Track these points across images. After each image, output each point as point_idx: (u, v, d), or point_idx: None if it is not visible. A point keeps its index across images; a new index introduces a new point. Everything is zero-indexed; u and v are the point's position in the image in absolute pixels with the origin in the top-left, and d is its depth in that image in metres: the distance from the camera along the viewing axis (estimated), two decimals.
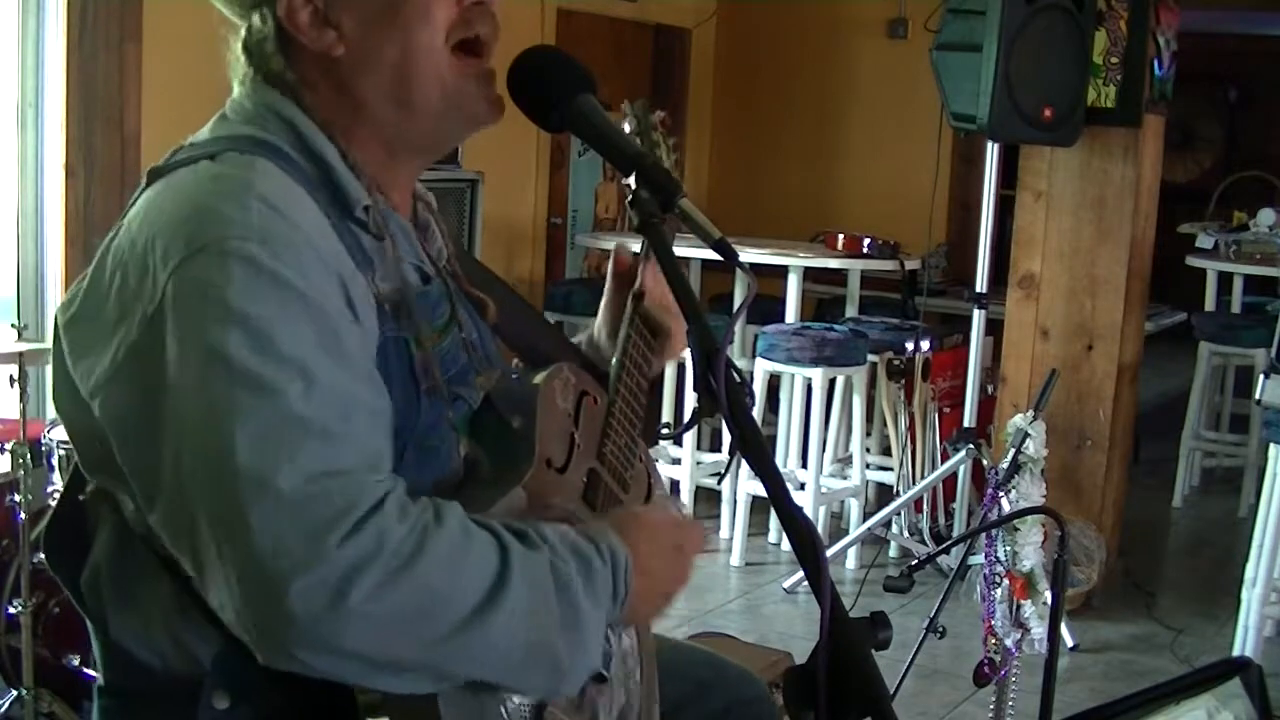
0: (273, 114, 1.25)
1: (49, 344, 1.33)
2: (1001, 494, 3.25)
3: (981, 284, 4.33)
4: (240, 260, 1.08)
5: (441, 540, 1.07)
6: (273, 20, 1.25)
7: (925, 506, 4.74)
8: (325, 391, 1.07)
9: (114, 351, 1.13)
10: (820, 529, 4.26)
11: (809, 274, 5.27)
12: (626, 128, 1.64)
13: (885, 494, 4.96)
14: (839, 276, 5.63)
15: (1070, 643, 3.96)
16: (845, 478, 4.83)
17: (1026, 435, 3.24)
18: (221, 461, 1.03)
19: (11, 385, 2.80)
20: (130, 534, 1.15)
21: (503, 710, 1.19)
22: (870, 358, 4.67)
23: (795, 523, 1.12)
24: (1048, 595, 2.82)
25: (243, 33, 1.28)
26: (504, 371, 1.43)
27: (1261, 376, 3.68)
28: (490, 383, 1.36)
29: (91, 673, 1.36)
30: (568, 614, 1.14)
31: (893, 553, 4.76)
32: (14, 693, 2.75)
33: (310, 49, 1.26)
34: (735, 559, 4.65)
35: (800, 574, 4.19)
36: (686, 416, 1.41)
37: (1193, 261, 6.36)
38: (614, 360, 1.49)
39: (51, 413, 3.07)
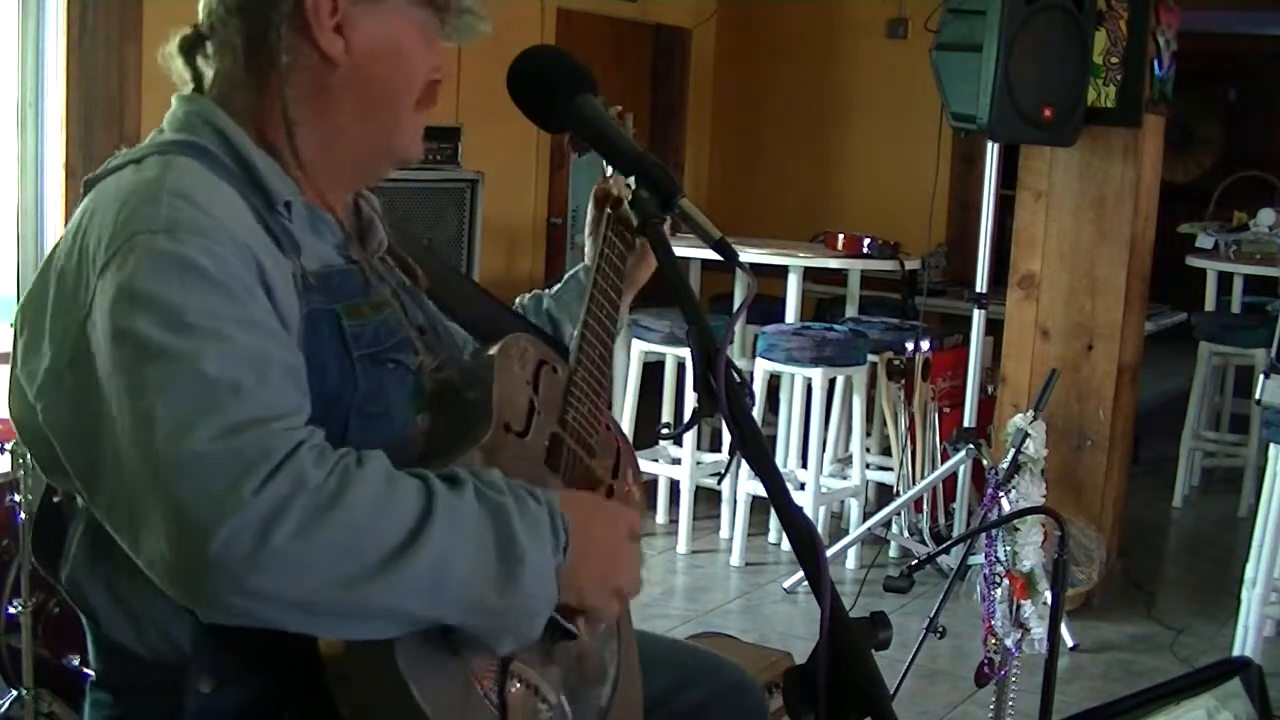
0: (201, 120, 1.32)
1: None
2: (1001, 494, 3.25)
3: (981, 284, 4.32)
4: (148, 252, 1.15)
5: (364, 480, 1.10)
6: (294, 7, 1.30)
7: (925, 506, 4.74)
8: (236, 352, 1.12)
9: (54, 358, 1.18)
10: (820, 529, 4.27)
11: (809, 274, 5.27)
12: None
13: (885, 494, 4.96)
14: (839, 276, 5.63)
15: (1070, 643, 3.96)
16: (845, 478, 4.83)
17: (1026, 435, 3.24)
18: (145, 431, 1.08)
19: None
20: (101, 527, 1.17)
21: (470, 670, 1.20)
22: (870, 358, 4.67)
23: (795, 523, 1.13)
24: (1048, 595, 2.82)
25: (239, 22, 1.33)
26: (456, 350, 1.46)
27: (1261, 376, 3.67)
28: (441, 358, 1.39)
29: (91, 673, 1.36)
30: (504, 543, 1.15)
31: (893, 553, 4.76)
32: (14, 693, 2.74)
33: (312, 52, 1.32)
34: (735, 559, 4.65)
35: (800, 574, 4.19)
36: (686, 416, 1.41)
37: (1193, 261, 6.36)
38: (575, 331, 1.52)
39: None
